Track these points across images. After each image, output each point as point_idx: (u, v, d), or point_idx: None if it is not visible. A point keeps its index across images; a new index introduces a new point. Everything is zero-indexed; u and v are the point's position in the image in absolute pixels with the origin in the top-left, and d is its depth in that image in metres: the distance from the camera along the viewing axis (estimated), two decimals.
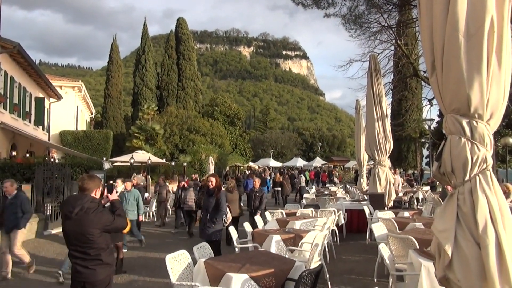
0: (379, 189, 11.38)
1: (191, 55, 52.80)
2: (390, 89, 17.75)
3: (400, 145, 40.48)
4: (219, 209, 6.86)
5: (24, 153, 19.95)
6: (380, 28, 15.76)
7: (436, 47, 2.85)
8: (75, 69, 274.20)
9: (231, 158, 40.80)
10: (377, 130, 11.31)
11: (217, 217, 6.83)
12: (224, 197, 6.98)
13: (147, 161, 22.74)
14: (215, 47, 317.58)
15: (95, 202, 3.79)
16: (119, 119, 49.07)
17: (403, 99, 34.54)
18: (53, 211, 12.62)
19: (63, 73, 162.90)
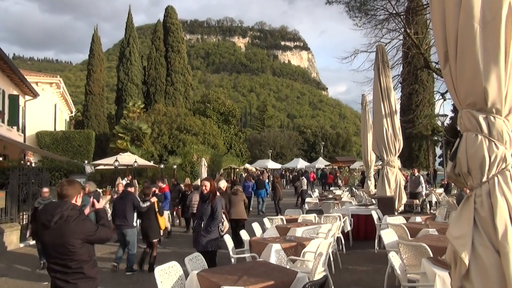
0: (388, 192, 11.39)
1: (181, 47, 52.73)
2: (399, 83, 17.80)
3: (410, 143, 40.57)
4: (214, 217, 6.80)
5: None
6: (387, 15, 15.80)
7: (449, 36, 2.85)
8: (53, 64, 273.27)
9: (226, 159, 40.73)
10: (385, 127, 11.32)
11: (212, 226, 6.78)
12: (220, 203, 6.91)
13: (133, 164, 22.68)
14: (207, 38, 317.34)
15: (76, 210, 3.77)
16: (102, 118, 48.95)
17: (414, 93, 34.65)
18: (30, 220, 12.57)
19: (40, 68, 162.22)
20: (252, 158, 63.20)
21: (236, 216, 11.19)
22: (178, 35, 53.17)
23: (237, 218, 11.16)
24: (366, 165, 17.84)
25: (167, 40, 52.09)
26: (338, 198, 16.69)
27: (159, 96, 49.93)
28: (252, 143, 71.00)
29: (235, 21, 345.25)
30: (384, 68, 11.55)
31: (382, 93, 11.42)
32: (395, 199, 11.32)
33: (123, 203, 8.78)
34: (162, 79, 50.58)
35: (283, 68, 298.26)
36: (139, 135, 34.65)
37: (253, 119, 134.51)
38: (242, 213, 11.32)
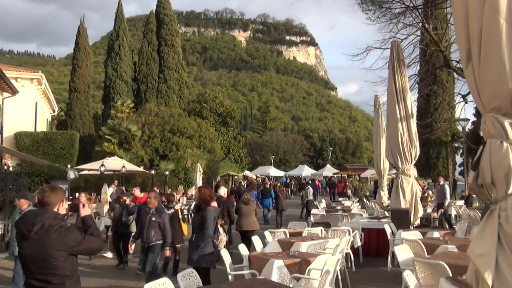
0: (403, 204, 11.38)
1: (175, 41, 52.88)
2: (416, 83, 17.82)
3: (428, 150, 40.51)
4: (203, 230, 6.75)
5: None
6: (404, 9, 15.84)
7: (473, 32, 2.86)
8: (34, 57, 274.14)
9: (223, 165, 40.73)
10: (400, 132, 11.33)
11: (201, 240, 6.70)
12: (211, 214, 6.82)
13: (120, 169, 22.69)
14: (204, 31, 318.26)
15: (58, 219, 3.76)
16: (87, 118, 49.03)
17: (432, 95, 34.62)
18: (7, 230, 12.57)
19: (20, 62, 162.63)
20: (253, 164, 63.16)
21: (248, 228, 11.46)
22: (172, 27, 53.33)
23: (249, 229, 11.41)
24: (378, 174, 17.83)
25: (160, 33, 52.23)
26: (347, 209, 16.67)
27: (151, 95, 50.01)
28: (253, 147, 70.98)
29: (235, 13, 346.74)
30: (400, 67, 11.57)
31: (397, 94, 11.43)
32: (411, 212, 11.31)
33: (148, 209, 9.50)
34: (154, 76, 50.69)
35: (287, 65, 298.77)
36: (128, 137, 34.67)
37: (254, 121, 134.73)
38: (254, 223, 11.65)
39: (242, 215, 11.65)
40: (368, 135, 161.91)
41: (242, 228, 11.52)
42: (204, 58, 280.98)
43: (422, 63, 17.81)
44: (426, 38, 16.25)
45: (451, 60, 16.77)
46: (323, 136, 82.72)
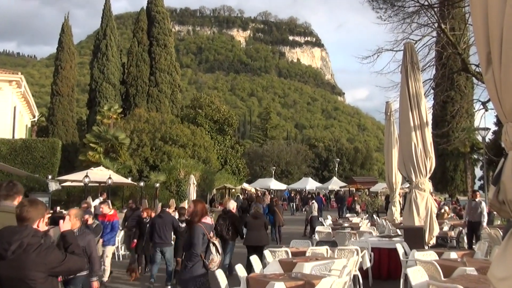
0: (417, 221, 11.35)
1: (168, 41, 53.13)
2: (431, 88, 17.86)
3: (444, 162, 40.58)
4: (190, 249, 6.68)
5: None
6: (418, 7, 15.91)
7: (493, 34, 2.86)
8: (14, 57, 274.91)
9: (220, 177, 40.70)
10: (414, 142, 11.33)
11: (189, 260, 6.63)
12: (199, 232, 6.63)
13: (106, 180, 22.66)
14: (200, 30, 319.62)
15: (38, 237, 3.73)
16: (71, 125, 49.12)
17: (449, 102, 34.76)
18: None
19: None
20: (252, 176, 63.10)
21: (257, 243, 11.75)
22: (165, 26, 53.61)
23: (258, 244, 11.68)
24: (390, 188, 17.80)
25: (151, 31, 52.49)
26: (355, 227, 16.62)
27: (141, 99, 50.13)
28: (252, 158, 70.95)
29: (234, 11, 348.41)
30: (414, 71, 11.60)
31: (410, 100, 11.45)
32: (425, 230, 11.27)
33: (162, 222, 10.94)
34: (144, 79, 50.84)
35: (291, 68, 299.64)
36: (115, 145, 34.67)
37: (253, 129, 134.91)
38: (264, 238, 12.04)
39: (251, 229, 12.00)
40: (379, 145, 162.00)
41: (250, 242, 11.83)
42: (200, 60, 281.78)
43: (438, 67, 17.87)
44: (443, 39, 16.30)
45: (469, 63, 16.81)
46: (329, 146, 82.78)
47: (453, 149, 37.73)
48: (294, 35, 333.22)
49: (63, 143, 35.94)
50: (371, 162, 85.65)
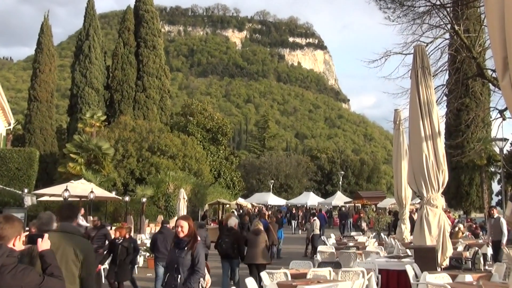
0: (429, 240, 11.34)
1: (157, 42, 53.27)
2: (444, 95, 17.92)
3: (459, 176, 40.62)
4: (195, 270, 6.76)
5: None
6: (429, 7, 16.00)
7: (510, 37, 2.89)
8: None
9: (212, 191, 40.62)
10: (425, 153, 11.35)
11: (192, 281, 6.73)
12: (202, 251, 6.88)
13: (88, 195, 22.58)
14: (192, 30, 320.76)
15: (13, 257, 3.72)
16: (49, 133, 49.02)
17: (463, 109, 34.88)
18: None
19: None
20: (248, 190, 62.96)
21: (257, 261, 12.14)
22: (154, 25, 53.78)
23: (258, 263, 12.12)
24: (399, 204, 17.79)
25: (139, 32, 52.64)
26: (361, 246, 16.59)
27: (126, 106, 50.15)
28: (248, 170, 70.88)
29: (229, 9, 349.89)
30: (425, 76, 11.65)
31: (421, 108, 11.49)
32: (438, 250, 11.26)
33: (163, 238, 11.76)
34: (130, 83, 50.89)
35: (291, 72, 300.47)
36: (97, 156, 34.61)
37: (250, 139, 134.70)
38: (265, 256, 12.42)
39: (252, 247, 12.32)
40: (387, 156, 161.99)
41: (252, 260, 12.21)
42: (191, 63, 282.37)
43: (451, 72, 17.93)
44: (456, 42, 16.39)
45: (485, 68, 16.86)
46: (333, 158, 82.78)
47: (468, 161, 37.78)
48: (294, 36, 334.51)
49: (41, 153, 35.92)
50: (379, 176, 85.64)
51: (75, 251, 4.80)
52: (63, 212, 5.25)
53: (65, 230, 4.99)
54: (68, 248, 4.79)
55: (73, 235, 4.99)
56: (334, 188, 71.07)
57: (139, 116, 48.30)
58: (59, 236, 4.84)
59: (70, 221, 5.18)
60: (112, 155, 36.32)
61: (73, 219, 5.29)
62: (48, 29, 50.28)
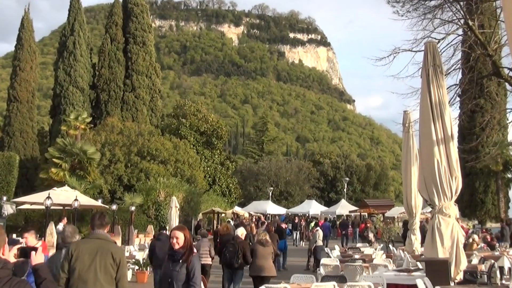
0: (441, 252, 11.34)
1: (147, 38, 53.30)
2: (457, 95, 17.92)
3: (473, 183, 40.61)
4: (190, 284, 6.76)
5: None
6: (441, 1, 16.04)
7: None
8: None
9: (207, 199, 40.63)
10: (437, 159, 11.36)
11: None
12: (198, 264, 6.90)
13: (72, 203, 22.55)
14: (184, 25, 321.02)
15: (8, 269, 3.72)
16: (30, 136, 48.96)
17: (478, 111, 34.91)
18: None
19: None
20: (245, 198, 62.90)
21: (265, 273, 12.45)
22: (144, 20, 53.82)
23: (264, 275, 12.44)
24: (409, 213, 17.80)
25: (127, 27, 52.67)
26: (368, 259, 16.60)
27: (114, 106, 50.13)
28: (245, 176, 70.86)
29: (224, 3, 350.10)
30: (436, 75, 11.67)
31: (432, 109, 11.50)
32: (451, 263, 11.27)
33: (162, 245, 12.29)
34: (118, 82, 50.90)
35: (291, 70, 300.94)
36: (82, 161, 34.55)
37: (247, 142, 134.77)
38: (271, 268, 12.75)
39: (258, 258, 12.60)
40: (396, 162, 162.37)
41: (258, 273, 12.52)
42: (184, 60, 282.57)
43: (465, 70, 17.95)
44: (470, 38, 16.40)
45: (502, 66, 16.88)
46: (337, 163, 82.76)
47: (483, 167, 37.80)
48: (295, 32, 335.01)
49: (21, 158, 35.94)
50: (387, 182, 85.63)
51: (112, 256, 5.93)
52: (96, 221, 6.28)
53: (99, 237, 6.13)
54: (106, 253, 5.93)
55: (107, 241, 6.19)
56: (338, 196, 71.05)
57: (127, 118, 48.27)
58: (96, 242, 6.02)
59: (103, 229, 6.25)
60: (98, 160, 36.26)
61: (105, 227, 6.34)
62: (29, 23, 50.29)
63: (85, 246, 6.05)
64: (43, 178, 34.12)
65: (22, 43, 49.02)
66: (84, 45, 51.75)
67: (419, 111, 12.08)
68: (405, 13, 16.53)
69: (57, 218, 23.38)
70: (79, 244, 6.25)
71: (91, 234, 6.23)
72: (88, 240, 6.11)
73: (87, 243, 5.96)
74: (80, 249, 6.03)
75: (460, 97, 18.76)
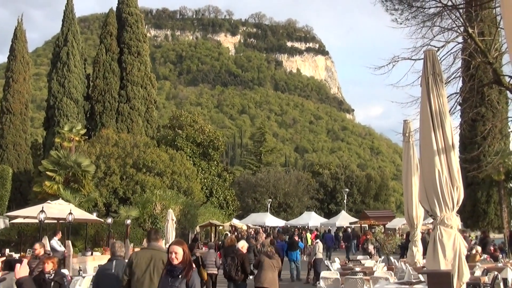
0: (443, 264, 11.33)
1: (142, 48, 53.39)
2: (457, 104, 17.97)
3: (475, 193, 40.57)
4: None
5: None
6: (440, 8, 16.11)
7: None
8: None
9: (204, 212, 40.56)
10: (438, 168, 11.37)
11: None
12: (198, 279, 6.89)
13: (66, 217, 22.48)
14: (180, 35, 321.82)
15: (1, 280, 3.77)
16: (24, 149, 48.89)
17: (479, 120, 34.95)
18: None
19: None
20: (243, 210, 62.84)
21: (269, 285, 12.82)
22: (139, 30, 53.93)
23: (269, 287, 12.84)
24: (410, 224, 17.78)
25: (122, 37, 52.77)
26: (369, 272, 16.57)
27: (109, 118, 50.13)
28: (243, 188, 70.81)
29: (221, 12, 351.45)
30: (436, 83, 11.70)
31: (433, 118, 11.52)
32: (453, 275, 11.25)
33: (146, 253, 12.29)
34: (113, 93, 50.92)
35: (289, 79, 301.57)
36: (77, 174, 34.49)
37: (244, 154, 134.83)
38: (275, 281, 13.09)
39: (264, 270, 12.95)
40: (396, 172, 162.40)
41: (263, 284, 12.82)
42: (180, 70, 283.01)
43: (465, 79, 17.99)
44: (470, 46, 16.46)
45: (502, 74, 16.92)
46: (337, 174, 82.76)
47: (485, 176, 37.74)
48: (293, 40, 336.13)
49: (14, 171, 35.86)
50: (387, 193, 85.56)
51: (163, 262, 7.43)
52: (152, 235, 8.24)
53: (154, 248, 8.00)
54: (158, 261, 7.67)
55: (160, 251, 7.93)
56: (338, 207, 71.07)
57: (122, 129, 48.26)
58: (151, 252, 7.86)
59: (156, 242, 8.15)
60: (93, 173, 36.18)
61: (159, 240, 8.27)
62: (22, 34, 50.36)
63: (143, 254, 7.88)
64: (37, 192, 34.02)
65: (15, 54, 49.05)
66: (78, 56, 51.81)
67: (419, 120, 12.10)
68: (404, 21, 16.61)
69: (51, 232, 23.28)
70: (138, 253, 8.07)
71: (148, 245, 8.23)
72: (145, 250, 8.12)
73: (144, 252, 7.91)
74: (139, 257, 7.81)
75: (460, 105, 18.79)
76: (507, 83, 16.61)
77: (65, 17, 52.49)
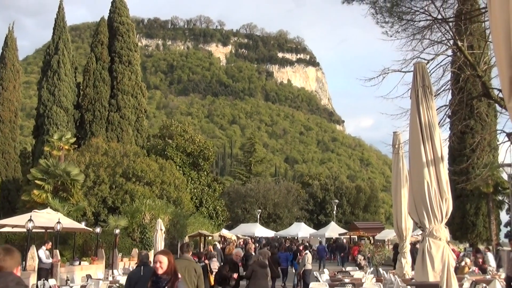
0: (432, 276, 11.34)
1: (133, 57, 53.38)
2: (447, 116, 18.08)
3: (464, 205, 40.72)
4: None
5: None
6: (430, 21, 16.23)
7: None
8: None
9: (193, 222, 40.44)
10: (427, 180, 11.41)
11: None
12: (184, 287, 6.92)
13: (54, 226, 22.34)
14: (171, 44, 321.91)
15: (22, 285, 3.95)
16: (12, 157, 48.62)
17: (468, 132, 35.12)
18: None
19: None
20: (232, 220, 62.71)
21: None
22: (130, 39, 53.93)
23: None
24: (399, 236, 17.81)
25: (113, 46, 52.73)
26: (357, 283, 16.56)
27: (99, 127, 49.99)
28: (233, 199, 70.63)
29: (212, 22, 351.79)
30: (426, 96, 11.76)
31: (422, 130, 11.57)
32: (442, 287, 11.26)
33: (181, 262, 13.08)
34: (103, 102, 50.81)
35: (280, 90, 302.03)
36: (65, 183, 34.33)
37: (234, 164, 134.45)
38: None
39: (258, 279, 13.36)
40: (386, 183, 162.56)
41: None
42: (171, 80, 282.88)
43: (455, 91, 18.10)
44: (459, 59, 16.57)
45: (491, 87, 17.04)
46: (326, 185, 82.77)
47: (474, 189, 37.93)
48: (284, 51, 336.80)
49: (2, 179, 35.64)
50: (376, 205, 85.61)
51: (195, 270, 9.37)
52: (185, 248, 10.53)
53: (186, 258, 9.89)
54: (191, 268, 9.37)
55: (191, 261, 9.92)
56: (328, 218, 70.94)
57: (112, 138, 48.12)
58: (184, 262, 9.52)
59: (188, 253, 10.20)
60: (82, 182, 36.06)
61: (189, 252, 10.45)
62: (12, 42, 50.26)
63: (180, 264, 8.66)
64: (25, 200, 33.81)
65: (5, 62, 48.93)
66: (69, 64, 51.68)
67: (409, 132, 12.15)
68: (394, 34, 16.72)
69: (39, 241, 23.13)
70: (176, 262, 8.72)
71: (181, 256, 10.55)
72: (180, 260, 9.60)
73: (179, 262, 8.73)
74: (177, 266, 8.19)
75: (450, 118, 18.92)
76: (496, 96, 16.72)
77: (56, 26, 52.41)
